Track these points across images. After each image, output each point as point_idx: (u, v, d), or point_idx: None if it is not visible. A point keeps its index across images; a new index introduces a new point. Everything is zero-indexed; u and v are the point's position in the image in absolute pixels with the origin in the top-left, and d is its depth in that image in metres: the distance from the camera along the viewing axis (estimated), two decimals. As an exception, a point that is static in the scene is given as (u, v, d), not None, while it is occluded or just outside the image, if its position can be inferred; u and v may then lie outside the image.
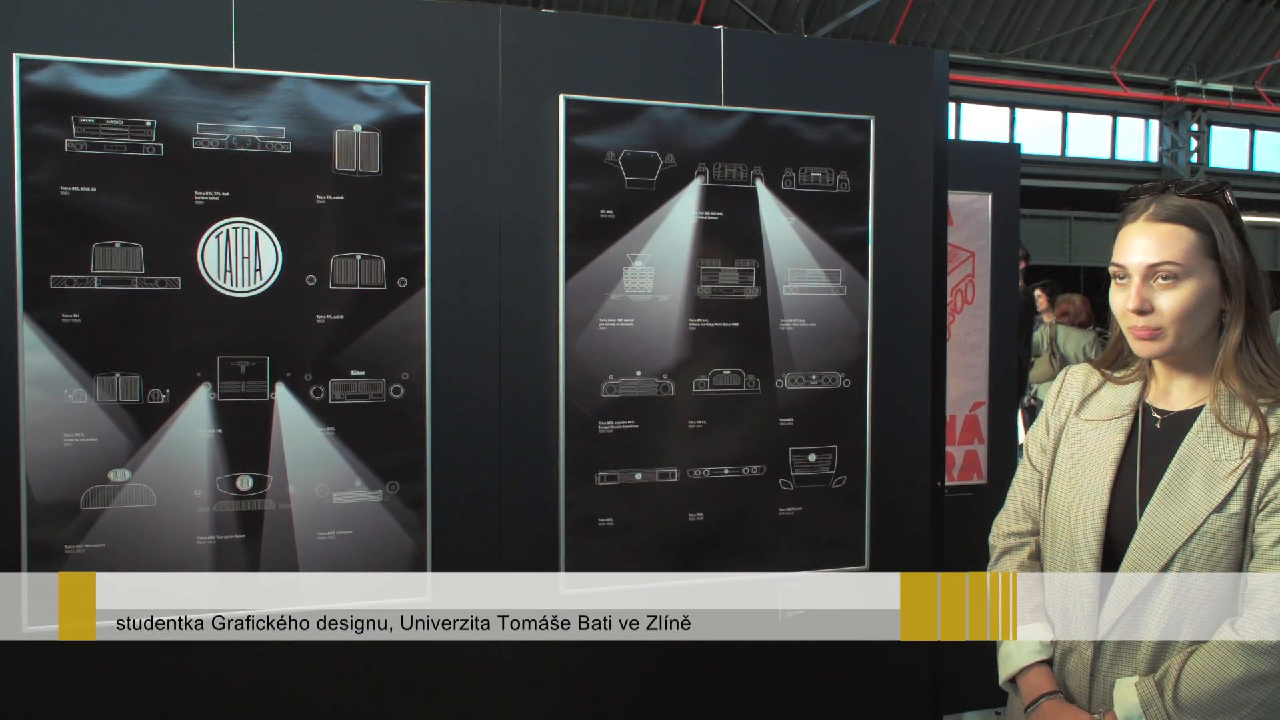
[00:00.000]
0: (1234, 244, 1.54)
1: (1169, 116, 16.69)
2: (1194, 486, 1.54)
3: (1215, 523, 1.52)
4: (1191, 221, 1.55)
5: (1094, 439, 1.68)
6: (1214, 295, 1.55)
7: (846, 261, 2.53)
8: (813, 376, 2.51)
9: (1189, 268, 1.53)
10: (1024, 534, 1.82)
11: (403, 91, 2.21)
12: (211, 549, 2.13)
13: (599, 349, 2.36)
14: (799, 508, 2.51)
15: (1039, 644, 1.70)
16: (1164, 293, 1.55)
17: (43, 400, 2.03)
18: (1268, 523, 1.50)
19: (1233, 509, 1.51)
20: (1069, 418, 1.74)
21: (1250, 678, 1.47)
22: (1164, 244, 1.54)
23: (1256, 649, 1.46)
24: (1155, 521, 1.56)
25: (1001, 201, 3.71)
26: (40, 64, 2.00)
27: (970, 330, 3.72)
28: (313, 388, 2.18)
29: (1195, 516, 1.53)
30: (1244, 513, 1.51)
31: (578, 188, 2.33)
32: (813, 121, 2.49)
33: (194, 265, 2.11)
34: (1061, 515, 1.70)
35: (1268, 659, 1.46)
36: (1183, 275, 1.53)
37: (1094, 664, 1.62)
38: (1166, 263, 1.54)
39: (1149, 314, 1.56)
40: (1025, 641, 1.72)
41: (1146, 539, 1.56)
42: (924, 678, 2.67)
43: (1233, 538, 1.51)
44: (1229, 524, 1.51)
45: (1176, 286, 1.54)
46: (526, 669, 2.37)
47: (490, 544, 2.33)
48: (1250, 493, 1.51)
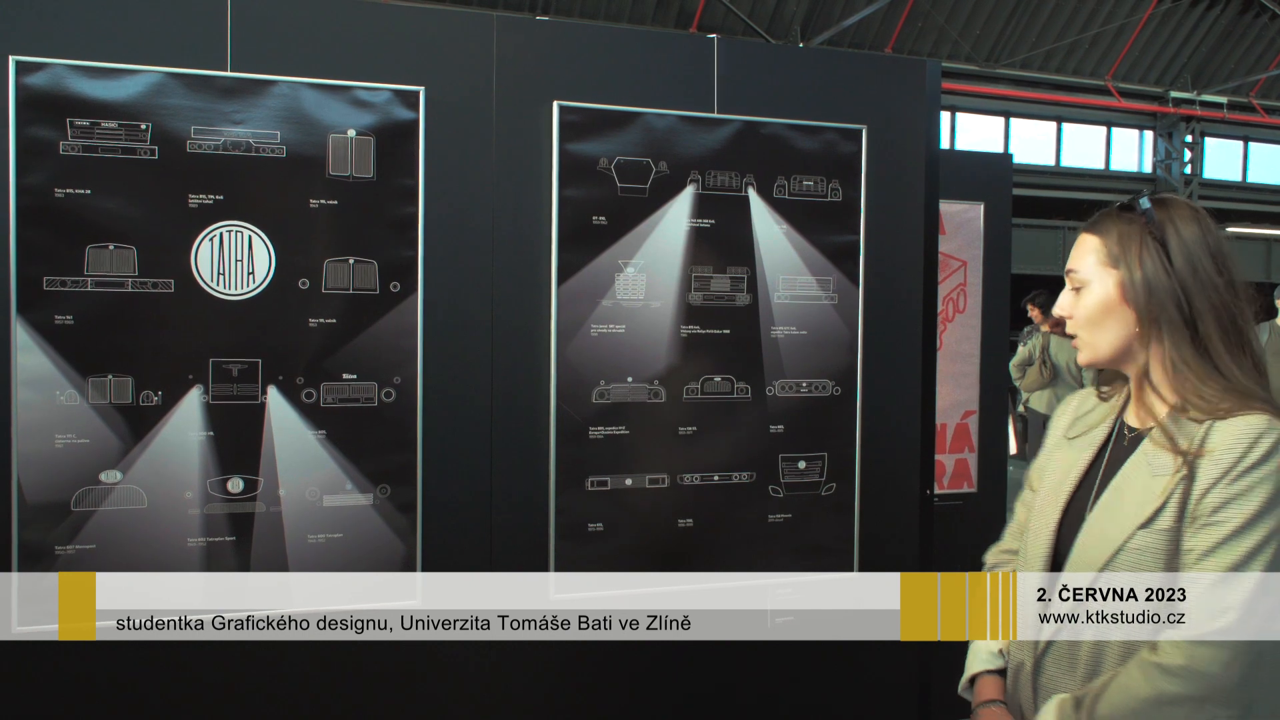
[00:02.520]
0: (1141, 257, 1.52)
1: (1163, 127, 16.76)
2: (1128, 502, 1.52)
3: (1141, 539, 1.49)
4: (1100, 232, 1.59)
5: (1063, 456, 1.69)
6: (1115, 306, 1.56)
7: (838, 270, 2.54)
8: (803, 384, 2.53)
9: (1089, 276, 1.58)
10: (1012, 552, 1.82)
11: (397, 97, 2.22)
12: (202, 551, 2.14)
13: (590, 355, 2.37)
14: (788, 514, 2.52)
15: (989, 653, 1.72)
16: (1074, 300, 1.61)
17: (35, 401, 2.04)
18: (1193, 539, 1.46)
19: (1161, 525, 1.48)
20: (1060, 439, 1.75)
21: (1159, 699, 1.43)
22: (1077, 253, 1.61)
23: (1165, 670, 1.43)
24: (1089, 538, 1.56)
25: (994, 211, 3.73)
26: (36, 66, 2.01)
27: (962, 339, 3.74)
28: (304, 391, 2.19)
29: (1123, 531, 1.51)
30: (1175, 528, 1.47)
31: (570, 194, 2.34)
32: (805, 130, 2.51)
33: (187, 268, 2.12)
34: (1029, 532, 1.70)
35: (1176, 681, 1.42)
36: (1084, 285, 1.59)
37: (1034, 680, 1.61)
38: (1072, 270, 1.61)
39: (1070, 321, 1.62)
40: (979, 649, 1.74)
41: (1080, 555, 1.56)
42: (913, 687, 2.68)
43: (1159, 554, 1.48)
44: (1156, 540, 1.48)
45: (1083, 294, 1.59)
46: (516, 672, 2.37)
47: (480, 548, 2.33)
48: (1181, 508, 1.47)
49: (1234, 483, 1.44)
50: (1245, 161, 17.65)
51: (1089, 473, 1.63)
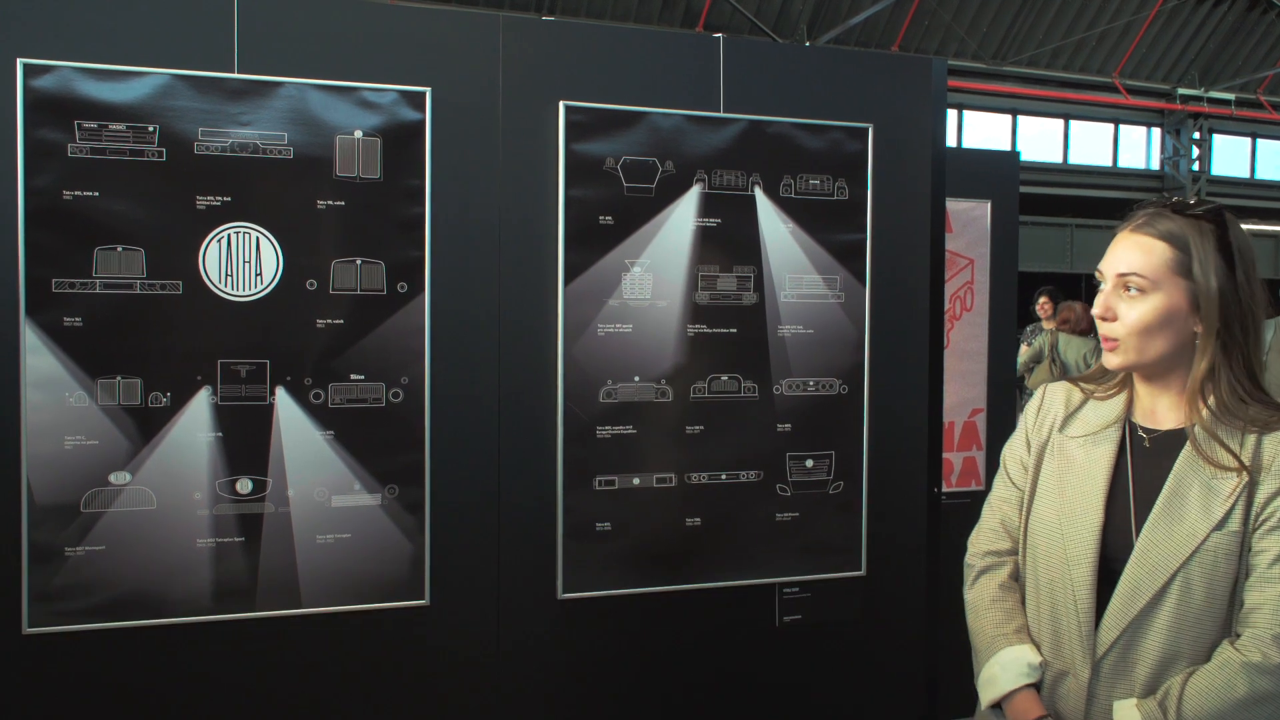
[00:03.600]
0: (1214, 268, 1.51)
1: (1171, 124, 16.71)
2: (1191, 504, 1.53)
3: (1216, 540, 1.50)
4: (1170, 239, 1.53)
5: (1082, 456, 1.65)
6: (1181, 315, 1.53)
7: (844, 268, 2.54)
8: (810, 383, 2.52)
9: (1156, 282, 1.53)
10: (1003, 553, 1.78)
11: (404, 98, 2.23)
12: (211, 552, 2.14)
13: (597, 354, 2.37)
14: (796, 513, 2.52)
15: (1027, 666, 1.65)
16: (1129, 303, 1.55)
17: (44, 403, 2.04)
18: (1264, 541, 1.49)
19: (1232, 527, 1.50)
20: (1052, 434, 1.71)
21: (1254, 696, 1.46)
22: (1137, 255, 1.54)
23: (1260, 668, 1.45)
24: (1154, 539, 1.54)
25: (1001, 209, 3.73)
26: (44, 69, 2.02)
27: (969, 337, 3.74)
28: (312, 391, 2.19)
29: (1196, 534, 1.51)
30: (1241, 531, 1.50)
31: (577, 194, 2.34)
32: (811, 129, 2.50)
33: (195, 269, 2.12)
34: (1048, 532, 1.66)
35: (1270, 678, 1.45)
36: (1149, 289, 1.53)
37: (1091, 686, 1.58)
38: (1135, 274, 1.54)
39: (1111, 323, 1.57)
40: (1011, 663, 1.66)
41: (1146, 557, 1.54)
42: (921, 684, 2.68)
43: (1232, 556, 1.50)
44: (1228, 542, 1.50)
45: (1141, 300, 1.54)
46: (524, 671, 2.37)
47: (488, 548, 2.33)
48: (1247, 512, 1.50)
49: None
50: (1253, 158, 17.59)
51: (1115, 474, 1.62)
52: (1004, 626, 1.71)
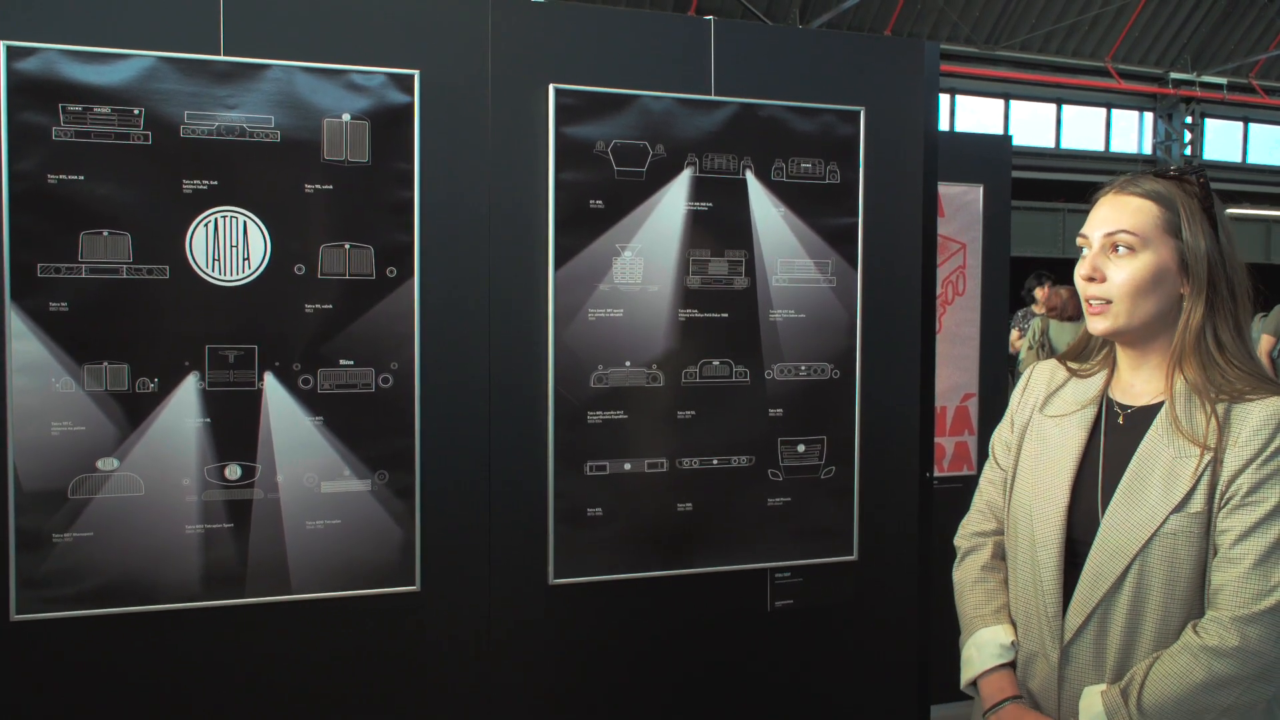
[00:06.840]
0: (1200, 228, 1.51)
1: (1163, 109, 16.72)
2: (1153, 486, 1.51)
3: (1175, 523, 1.48)
4: (1157, 198, 1.53)
5: (1056, 435, 1.65)
6: (1170, 275, 1.52)
7: (836, 253, 2.53)
8: (802, 367, 2.52)
9: (1146, 239, 1.52)
10: (988, 534, 1.79)
11: (392, 80, 2.21)
12: (200, 538, 2.13)
13: (588, 339, 2.36)
14: (788, 498, 2.52)
15: (999, 646, 1.67)
16: (1118, 263, 1.54)
17: (30, 388, 2.03)
18: (1228, 520, 1.46)
19: (1193, 508, 1.48)
20: (1033, 414, 1.71)
21: (1212, 681, 1.43)
22: (1125, 214, 1.54)
23: (1217, 651, 1.43)
24: (1115, 522, 1.52)
25: (993, 193, 3.73)
26: (27, 51, 2.00)
27: (961, 322, 3.74)
28: (301, 377, 2.18)
29: (1155, 517, 1.49)
30: (1205, 511, 1.47)
31: (567, 178, 2.33)
32: (803, 112, 2.49)
33: (182, 254, 2.10)
34: (1023, 514, 1.66)
35: (1229, 662, 1.42)
36: (1139, 247, 1.52)
37: (1061, 670, 1.58)
38: (1124, 231, 1.53)
39: (1100, 284, 1.55)
40: (987, 644, 1.68)
41: (1107, 540, 1.53)
42: (912, 667, 2.68)
43: (1193, 538, 1.47)
44: (1189, 524, 1.47)
45: (1132, 258, 1.52)
46: (515, 657, 2.37)
47: (479, 533, 2.33)
48: (1211, 491, 1.47)
49: (1266, 464, 1.45)
50: (1245, 142, 17.62)
51: (1086, 453, 1.61)
52: (983, 607, 1.72)
